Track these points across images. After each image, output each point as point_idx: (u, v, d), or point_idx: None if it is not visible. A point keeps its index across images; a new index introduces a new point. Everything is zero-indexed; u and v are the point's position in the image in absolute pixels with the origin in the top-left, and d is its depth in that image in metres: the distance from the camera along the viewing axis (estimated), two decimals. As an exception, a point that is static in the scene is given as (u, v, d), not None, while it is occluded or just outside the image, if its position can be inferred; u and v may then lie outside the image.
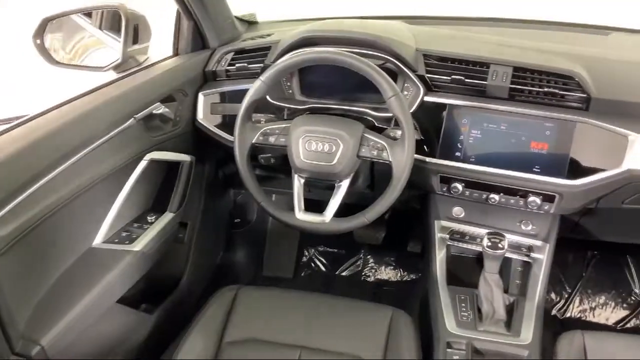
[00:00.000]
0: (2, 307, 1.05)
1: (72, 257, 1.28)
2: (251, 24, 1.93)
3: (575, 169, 1.33)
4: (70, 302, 1.19)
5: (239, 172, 1.39)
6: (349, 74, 1.30)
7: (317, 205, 1.40)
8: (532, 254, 1.51)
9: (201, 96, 1.61)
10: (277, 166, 1.63)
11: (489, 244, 1.37)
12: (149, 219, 1.49)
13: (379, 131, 1.40)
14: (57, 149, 1.16)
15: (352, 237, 2.30)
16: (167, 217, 1.51)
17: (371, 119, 1.48)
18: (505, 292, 1.47)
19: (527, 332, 1.36)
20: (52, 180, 1.12)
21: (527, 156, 1.36)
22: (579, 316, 2.11)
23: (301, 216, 1.36)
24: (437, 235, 1.57)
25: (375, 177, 1.61)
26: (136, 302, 1.56)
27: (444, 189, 1.48)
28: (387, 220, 2.29)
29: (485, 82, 1.39)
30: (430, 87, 1.44)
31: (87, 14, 1.90)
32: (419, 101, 1.42)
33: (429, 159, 1.44)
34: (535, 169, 1.36)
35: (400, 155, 1.28)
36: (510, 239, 1.49)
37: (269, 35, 1.69)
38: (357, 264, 2.37)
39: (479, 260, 1.50)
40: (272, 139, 1.38)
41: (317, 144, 1.32)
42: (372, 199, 1.35)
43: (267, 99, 1.51)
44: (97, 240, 1.35)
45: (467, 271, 1.57)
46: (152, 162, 1.43)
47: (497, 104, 1.38)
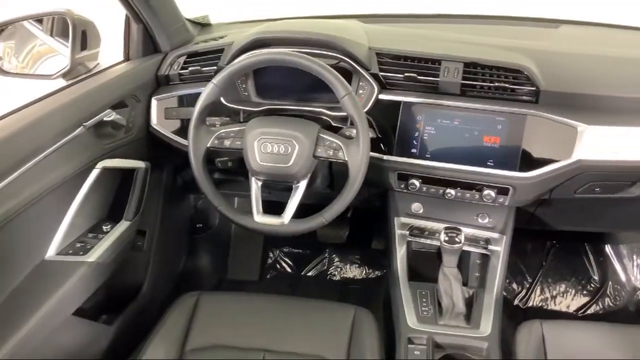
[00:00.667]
0: None
1: (24, 271, 1.24)
2: (204, 26, 1.90)
3: (527, 161, 1.35)
4: (22, 317, 1.16)
5: (195, 177, 1.37)
6: (304, 75, 1.30)
7: (278, 206, 1.39)
8: (490, 247, 1.53)
9: (154, 101, 1.59)
10: (235, 169, 1.61)
11: (446, 238, 1.39)
12: (105, 228, 1.46)
13: (336, 131, 1.40)
14: (4, 161, 1.13)
15: (316, 237, 2.31)
16: (123, 225, 1.48)
17: (327, 118, 1.47)
18: (464, 285, 1.49)
19: (487, 324, 1.38)
20: None
21: (481, 150, 1.38)
22: (540, 305, 2.16)
23: (259, 219, 1.35)
24: (397, 232, 1.58)
25: (334, 176, 1.61)
26: (95, 314, 1.53)
27: (402, 186, 1.49)
28: (350, 218, 2.30)
29: (437, 79, 1.40)
30: (384, 85, 1.45)
31: (39, 21, 1.84)
32: (374, 99, 1.43)
33: (386, 157, 1.45)
34: (488, 163, 1.38)
35: (355, 154, 1.28)
36: (468, 232, 1.52)
37: (222, 37, 1.67)
38: (323, 263, 2.38)
39: (440, 255, 1.51)
40: (227, 143, 1.36)
41: (273, 146, 1.32)
42: (333, 198, 1.35)
43: (222, 101, 1.50)
44: (50, 252, 1.32)
45: (428, 266, 1.58)
46: (105, 170, 1.40)
47: (450, 100, 1.40)
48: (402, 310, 1.43)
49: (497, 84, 1.37)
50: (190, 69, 1.57)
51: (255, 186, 1.38)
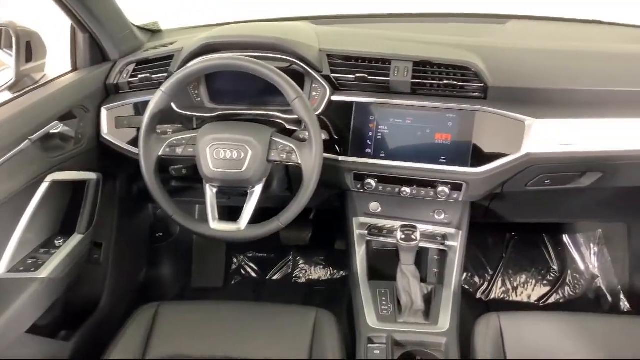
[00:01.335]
0: None
1: None
2: (154, 32, 1.88)
3: (478, 157, 1.37)
4: None
5: (147, 187, 1.35)
6: (257, 79, 1.29)
7: (238, 212, 1.38)
8: (447, 242, 1.55)
9: (104, 111, 1.56)
10: (191, 176, 1.59)
11: (403, 236, 1.40)
12: (57, 242, 1.42)
13: (290, 134, 1.40)
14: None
15: (280, 240, 2.30)
16: (76, 239, 1.45)
17: (282, 121, 1.47)
18: (424, 281, 1.51)
19: (445, 319, 1.40)
20: None
21: (433, 148, 1.40)
22: (502, 297, 2.19)
23: (215, 226, 1.34)
24: (356, 232, 1.59)
25: (291, 179, 1.60)
26: (52, 330, 1.49)
27: (358, 186, 1.49)
28: (312, 220, 2.30)
29: (388, 78, 1.41)
30: (336, 87, 1.45)
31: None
32: (326, 101, 1.43)
33: (341, 158, 1.45)
34: (441, 160, 1.40)
35: (308, 156, 1.28)
36: (425, 229, 1.53)
37: (172, 43, 1.66)
38: (287, 266, 2.37)
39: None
40: (179, 150, 1.35)
41: (226, 152, 1.30)
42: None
43: (174, 108, 1.48)
44: (0, 269, 1.28)
45: (388, 265, 1.59)
46: (55, 184, 1.37)
47: (401, 99, 1.41)
48: (362, 310, 1.44)
49: (446, 82, 1.39)
50: (139, 76, 1.55)
51: (210, 193, 1.36)
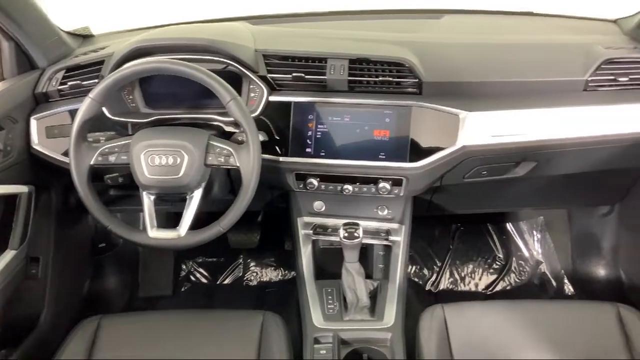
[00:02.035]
0: None
1: None
2: (86, 37, 1.82)
3: (417, 152, 1.39)
4: None
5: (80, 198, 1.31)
6: (193, 82, 1.26)
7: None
8: (391, 237, 1.56)
9: (33, 121, 1.50)
10: (129, 184, 1.55)
11: (345, 234, 1.40)
12: None
13: (228, 136, 1.38)
14: None
15: (229, 244, 2.27)
16: (9, 255, 1.39)
17: (220, 124, 1.45)
18: (369, 277, 1.51)
19: (390, 314, 1.41)
20: None
21: (372, 144, 1.41)
22: (451, 287, 2.23)
23: (154, 234, 1.31)
24: (301, 231, 1.59)
25: (234, 182, 1.59)
26: (-9, 349, 1.44)
27: (301, 186, 1.49)
28: (261, 222, 2.28)
29: (324, 77, 1.41)
30: (274, 87, 1.44)
31: None
32: (264, 102, 1.42)
33: (282, 158, 1.45)
34: (380, 156, 1.40)
35: (246, 159, 1.26)
36: (368, 225, 1.54)
37: (104, 48, 1.61)
38: (238, 270, 2.34)
39: None
40: (112, 159, 1.31)
41: (161, 158, 1.27)
42: None
43: (107, 115, 1.44)
44: None
45: (336, 263, 1.59)
46: (-17, 199, 1.31)
47: (339, 97, 1.42)
48: (308, 310, 1.44)
49: (382, 78, 1.40)
50: (69, 83, 1.50)
51: (147, 201, 1.33)
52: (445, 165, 1.40)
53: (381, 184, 1.44)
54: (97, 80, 1.47)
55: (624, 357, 1.26)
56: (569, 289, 2.14)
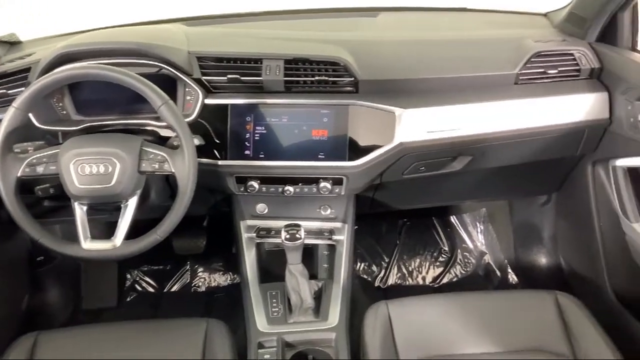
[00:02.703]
0: None
1: None
2: (13, 44, 1.74)
3: (355, 150, 1.39)
4: None
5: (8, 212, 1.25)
6: (124, 87, 1.22)
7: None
8: (334, 237, 1.56)
9: None
10: (61, 195, 1.49)
11: (287, 236, 1.39)
12: None
13: (165, 141, 1.35)
14: None
15: (174, 251, 2.23)
16: None
17: (155, 129, 1.41)
18: (314, 278, 1.51)
19: (334, 314, 1.41)
20: None
21: (311, 144, 1.40)
22: (399, 282, 2.25)
23: (88, 245, 1.26)
24: (244, 235, 1.57)
25: (173, 187, 1.55)
26: None
27: (242, 189, 1.47)
28: (207, 226, 2.25)
29: (260, 78, 1.40)
30: (209, 90, 1.41)
31: None
32: (200, 105, 1.39)
33: (221, 162, 1.42)
34: (320, 156, 1.40)
35: (181, 164, 1.23)
36: (312, 225, 1.54)
37: (30, 55, 1.54)
38: (185, 276, 2.30)
39: None
40: (40, 169, 1.25)
41: (92, 167, 1.23)
42: None
43: (35, 124, 1.38)
44: None
45: (282, 265, 1.58)
46: None
47: (276, 98, 1.41)
48: (252, 314, 1.42)
49: (318, 78, 1.40)
50: (-4, 93, 1.43)
51: (79, 211, 1.28)
52: (383, 162, 1.41)
53: (322, 184, 1.43)
54: (23, 88, 1.41)
55: (564, 344, 1.29)
56: (512, 278, 2.20)
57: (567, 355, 1.27)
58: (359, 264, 2.28)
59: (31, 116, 1.30)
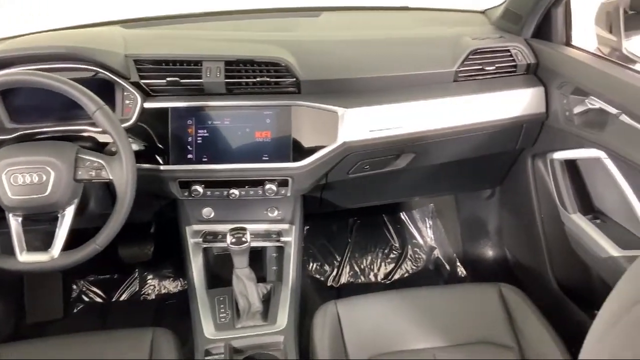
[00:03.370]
0: None
1: None
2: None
3: (299, 151, 1.38)
4: None
5: None
6: (58, 93, 1.18)
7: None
8: (282, 238, 1.55)
9: None
10: None
11: (233, 240, 1.37)
12: None
13: (103, 147, 1.31)
14: None
15: (122, 259, 2.17)
16: None
17: (93, 135, 1.37)
18: (263, 281, 1.50)
19: (283, 317, 1.40)
20: None
21: (255, 146, 1.39)
22: (352, 281, 2.26)
23: (24, 258, 1.22)
24: (190, 240, 1.55)
25: (114, 194, 1.51)
26: None
27: (186, 194, 1.44)
28: (154, 232, 2.20)
29: (201, 80, 1.38)
30: (148, 93, 1.38)
31: None
32: (139, 109, 1.36)
33: (163, 167, 1.39)
34: (264, 158, 1.39)
35: (119, 170, 1.20)
36: (259, 228, 1.53)
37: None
38: (134, 285, 2.24)
39: None
40: None
41: (25, 177, 1.18)
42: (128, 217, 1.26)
43: None
44: None
45: (231, 269, 1.56)
46: None
47: (217, 100, 1.39)
48: (199, 321, 1.40)
49: (259, 79, 1.39)
50: None
51: (14, 223, 1.23)
52: (328, 162, 1.41)
53: (267, 186, 1.42)
54: None
55: (509, 335, 1.32)
56: (461, 271, 2.24)
57: (512, 345, 1.30)
58: (311, 264, 2.27)
59: None
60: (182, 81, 1.37)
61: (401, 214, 2.40)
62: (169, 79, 1.37)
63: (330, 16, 1.86)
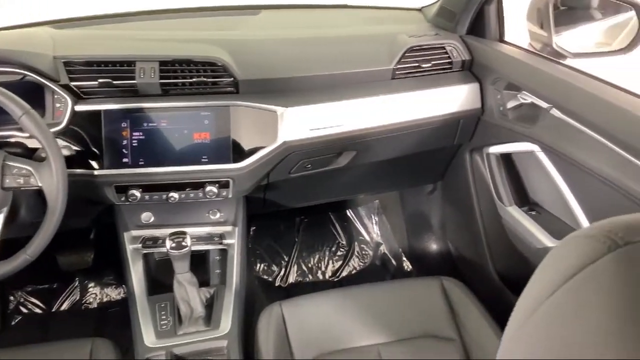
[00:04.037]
0: None
1: None
2: None
3: (240, 152, 1.37)
4: None
5: None
6: None
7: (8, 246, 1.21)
8: (225, 241, 1.53)
9: None
10: None
11: (173, 245, 1.34)
12: None
13: (33, 152, 1.25)
14: None
15: (60, 267, 2.09)
16: None
17: (21, 141, 1.31)
18: (206, 285, 1.47)
19: (226, 321, 1.38)
20: None
21: (193, 148, 1.36)
22: (300, 280, 2.26)
23: None
24: (129, 247, 1.50)
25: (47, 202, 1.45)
26: None
27: (123, 199, 1.40)
28: (94, 239, 2.13)
29: (134, 81, 1.34)
30: (79, 96, 1.33)
31: None
32: (69, 113, 1.30)
33: (97, 172, 1.34)
34: (203, 159, 1.36)
35: (49, 177, 1.15)
36: (201, 231, 1.50)
37: None
38: (75, 293, 2.16)
39: None
40: None
41: None
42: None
43: None
44: None
45: (173, 274, 1.53)
46: None
47: (153, 102, 1.35)
48: (139, 330, 1.36)
49: (196, 79, 1.36)
50: None
51: None
52: (269, 162, 1.39)
53: (208, 188, 1.39)
54: None
55: (451, 327, 1.35)
56: (407, 265, 2.27)
57: (455, 337, 1.32)
58: (258, 265, 2.25)
59: None
60: (114, 82, 1.33)
61: (347, 211, 2.41)
62: (100, 81, 1.32)
63: (268, 14, 1.84)
